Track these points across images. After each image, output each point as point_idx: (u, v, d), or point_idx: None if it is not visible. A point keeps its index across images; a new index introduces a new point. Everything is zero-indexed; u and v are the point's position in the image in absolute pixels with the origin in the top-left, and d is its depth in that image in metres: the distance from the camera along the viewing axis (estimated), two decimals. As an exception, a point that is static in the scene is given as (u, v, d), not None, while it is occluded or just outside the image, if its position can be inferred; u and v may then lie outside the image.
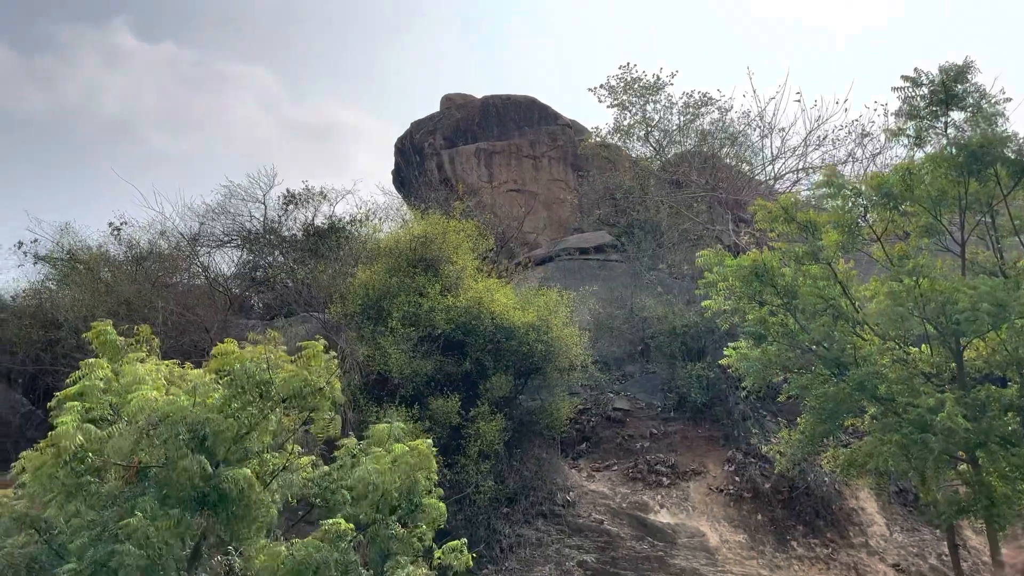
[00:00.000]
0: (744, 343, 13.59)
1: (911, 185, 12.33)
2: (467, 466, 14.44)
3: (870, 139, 25.87)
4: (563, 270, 24.12)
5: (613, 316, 21.32)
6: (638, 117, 28.56)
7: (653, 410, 18.94)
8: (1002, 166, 11.98)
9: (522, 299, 17.12)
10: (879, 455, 11.50)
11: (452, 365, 15.97)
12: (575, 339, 16.88)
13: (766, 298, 13.04)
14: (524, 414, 16.08)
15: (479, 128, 30.59)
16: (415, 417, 14.48)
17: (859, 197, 13.13)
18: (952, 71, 12.30)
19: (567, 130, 30.55)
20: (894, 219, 12.85)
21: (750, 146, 27.98)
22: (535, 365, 16.40)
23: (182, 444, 8.74)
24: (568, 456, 17.06)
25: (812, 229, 13.11)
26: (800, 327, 12.57)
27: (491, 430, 14.74)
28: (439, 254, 17.38)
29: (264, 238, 23.29)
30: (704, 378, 18.49)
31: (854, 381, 11.67)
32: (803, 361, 12.99)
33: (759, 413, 17.68)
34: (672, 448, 17.34)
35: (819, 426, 12.71)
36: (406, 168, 31.10)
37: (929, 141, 12.68)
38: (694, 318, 19.19)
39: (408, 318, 16.09)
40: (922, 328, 11.92)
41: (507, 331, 16.01)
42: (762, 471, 16.10)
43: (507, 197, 28.42)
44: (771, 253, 13.27)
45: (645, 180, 27.15)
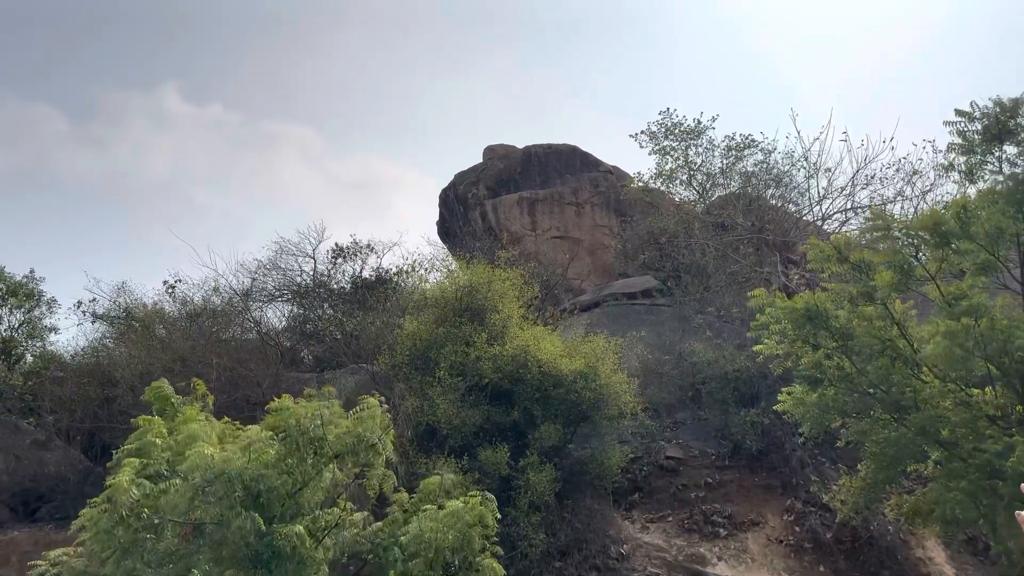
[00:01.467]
0: (799, 387, 13.27)
1: (966, 222, 12.03)
2: (518, 518, 14.23)
3: (919, 176, 25.42)
4: (609, 316, 23.99)
5: (662, 362, 21.05)
6: (680, 161, 28.63)
7: (707, 458, 18.51)
8: (1061, 201, 11.64)
9: (569, 346, 17.03)
10: (945, 502, 11.03)
11: (500, 414, 15.89)
12: (624, 386, 16.67)
13: (820, 341, 12.76)
14: (574, 464, 15.85)
15: (521, 177, 30.93)
16: (464, 468, 14.39)
17: (911, 236, 12.85)
18: (1007, 105, 12.10)
19: (609, 176, 30.71)
20: (948, 257, 12.53)
21: (796, 187, 27.72)
22: (584, 413, 16.22)
23: (236, 502, 8.83)
24: (620, 507, 16.71)
25: (865, 269, 12.84)
26: (857, 370, 12.25)
27: (541, 481, 14.55)
28: (485, 303, 17.45)
29: (314, 291, 23.73)
30: (759, 424, 18.07)
31: (915, 425, 11.28)
32: (862, 405, 12.63)
33: (817, 460, 17.15)
34: (728, 497, 16.88)
35: (881, 473, 12.27)
36: (450, 218, 31.52)
37: (982, 177, 12.41)
38: (746, 362, 18.84)
39: (455, 368, 16.12)
40: (984, 369, 11.50)
41: (554, 379, 15.91)
42: (823, 520, 15.54)
43: (551, 244, 28.52)
44: (824, 294, 13.02)
45: (689, 223, 27.01)
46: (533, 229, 28.80)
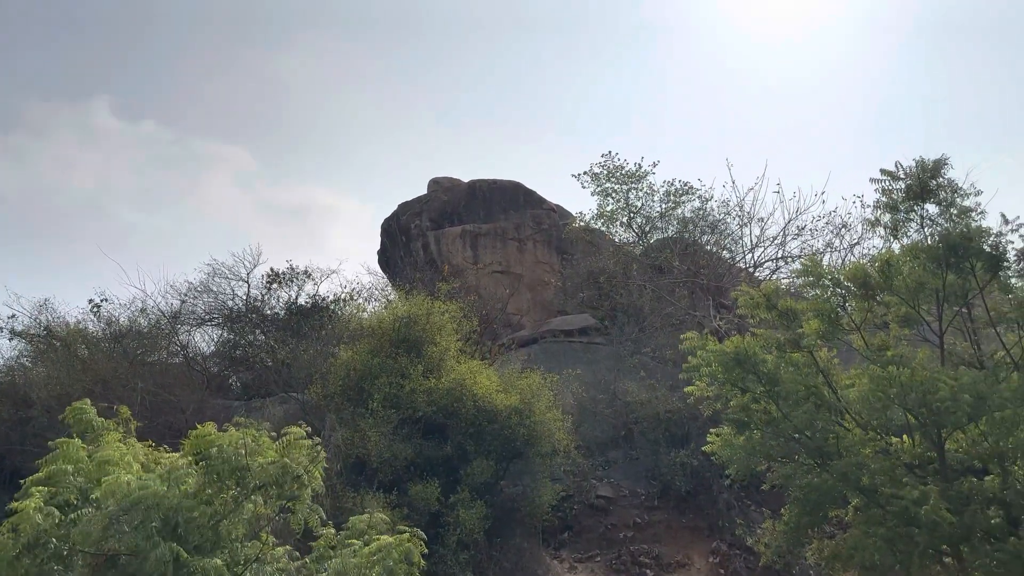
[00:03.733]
0: (727, 430, 13.48)
1: (890, 276, 12.53)
2: (446, 556, 14.02)
3: (847, 230, 26.47)
4: (547, 352, 24.10)
5: (596, 400, 21.21)
6: (621, 203, 29.23)
7: (637, 498, 18.62)
8: (978, 259, 12.20)
9: (505, 381, 17.02)
10: (864, 548, 11.28)
11: (433, 449, 15.71)
12: (558, 423, 16.71)
13: (749, 384, 13.01)
14: (505, 501, 15.74)
15: (465, 210, 31.07)
16: (393, 503, 14.14)
17: (838, 287, 13.31)
18: (928, 166, 12.66)
19: (552, 214, 31.09)
20: (873, 309, 13.00)
21: (730, 234, 28.54)
22: (517, 450, 16.17)
23: (153, 532, 8.46)
24: (550, 546, 16.63)
25: (792, 317, 13.20)
26: (783, 415, 12.52)
27: (471, 518, 14.38)
28: (422, 335, 17.34)
29: (246, 316, 23.20)
30: (688, 465, 18.29)
31: (837, 471, 11.56)
32: (786, 450, 12.87)
33: (744, 503, 17.43)
34: (656, 538, 16.98)
35: (804, 517, 12.49)
36: (392, 248, 31.36)
37: (906, 233, 12.96)
38: (677, 403, 19.12)
39: (389, 400, 15.91)
40: (904, 418, 11.91)
41: (489, 414, 15.85)
42: (747, 563, 15.76)
43: (492, 279, 28.60)
44: (753, 339, 13.32)
45: (628, 265, 27.49)
46: (475, 263, 28.86)
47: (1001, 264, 11.96)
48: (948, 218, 12.23)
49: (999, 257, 11.93)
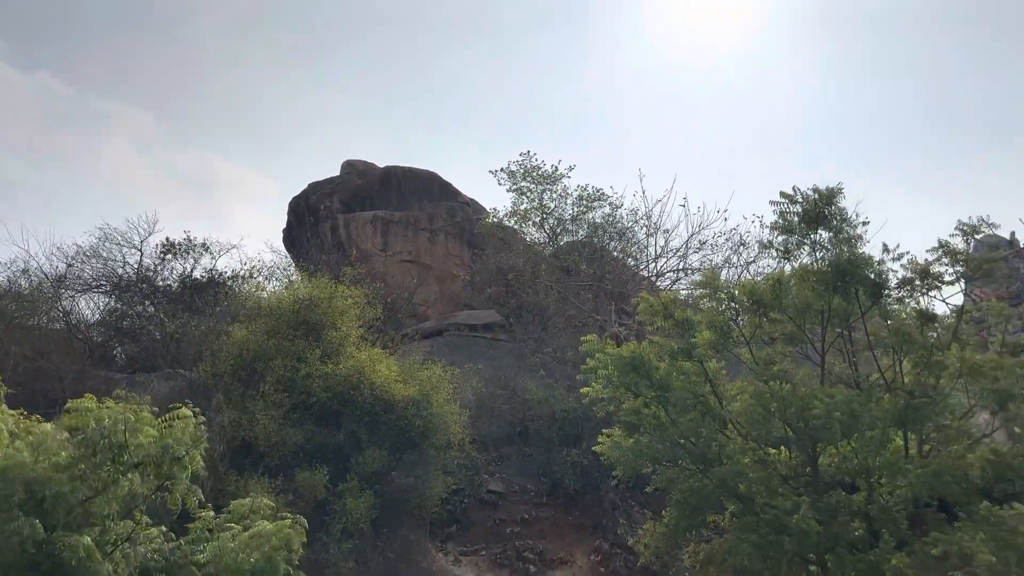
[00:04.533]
0: (618, 432, 13.80)
1: (780, 295, 13.12)
2: (329, 545, 13.80)
3: (745, 247, 27.55)
4: (450, 345, 24.07)
5: (495, 396, 21.33)
6: (535, 203, 29.51)
7: (527, 494, 18.85)
8: (862, 285, 12.91)
9: (405, 372, 16.90)
10: (736, 553, 11.78)
11: (325, 436, 15.44)
12: (455, 416, 16.72)
13: (641, 389, 13.36)
14: (395, 492, 15.63)
15: (378, 196, 30.65)
16: (279, 489, 13.82)
17: (732, 301, 13.84)
18: (824, 193, 13.28)
19: (466, 208, 31.06)
20: (762, 325, 13.58)
21: (636, 242, 29.27)
22: (412, 441, 16.08)
23: (14, 504, 8.00)
24: (437, 538, 16.64)
25: (688, 327, 13.64)
26: (671, 420, 12.92)
27: (359, 507, 14.20)
28: (323, 319, 17.00)
29: (136, 286, 22.18)
30: (579, 465, 18.64)
31: (717, 478, 12.03)
32: (672, 454, 13.28)
33: (628, 503, 17.90)
34: (542, 535, 17.24)
35: (683, 520, 12.94)
36: (298, 228, 30.60)
37: (798, 256, 13.58)
38: (573, 404, 19.46)
39: (282, 383, 15.52)
40: (782, 431, 12.49)
41: (386, 404, 15.70)
42: (627, 563, 16.20)
43: (400, 267, 28.34)
44: (649, 346, 13.68)
45: (537, 264, 27.78)
46: (384, 250, 28.51)
47: (883, 291, 12.71)
48: (837, 244, 12.89)
49: (882, 284, 12.67)
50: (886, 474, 11.99)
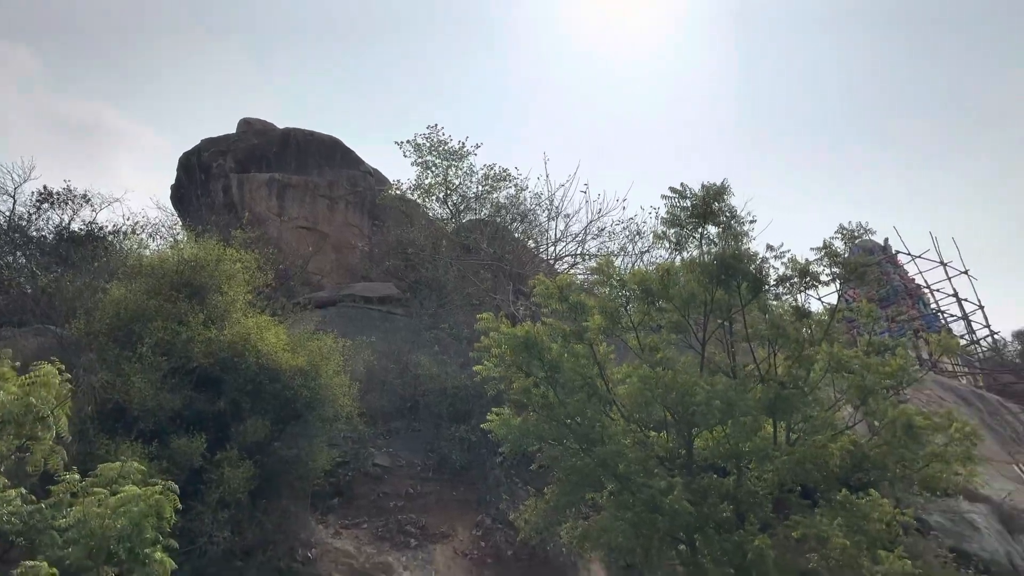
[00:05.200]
0: (507, 410, 13.97)
1: (668, 285, 13.56)
2: (203, 514, 13.37)
3: (641, 237, 28.28)
4: (344, 317, 23.68)
5: (387, 370, 21.16)
6: (440, 179, 29.26)
7: (413, 469, 18.84)
8: (744, 280, 13.51)
9: (294, 341, 16.47)
10: (612, 531, 12.18)
11: (204, 402, 14.89)
12: (344, 389, 16.46)
13: (532, 369, 13.55)
14: (277, 463, 15.26)
15: (276, 158, 29.62)
16: (152, 455, 13.26)
17: (624, 288, 14.21)
18: (712, 190, 13.77)
19: (368, 177, 30.47)
20: (650, 313, 14.02)
21: (538, 225, 29.52)
22: (297, 412, 15.73)
23: None
24: (318, 511, 16.40)
25: (581, 310, 13.92)
26: (559, 401, 13.18)
27: (237, 477, 13.79)
28: (209, 282, 16.33)
29: (7, 235, 20.70)
30: (467, 441, 18.76)
31: (598, 457, 12.38)
32: (558, 434, 13.56)
33: (513, 480, 18.17)
34: (426, 509, 17.28)
35: (564, 497, 13.26)
36: (188, 186, 29.25)
37: (687, 248, 14.06)
38: (465, 381, 19.54)
39: (162, 346, 14.84)
40: (662, 415, 12.97)
41: (272, 373, 15.27)
42: (507, 537, 16.47)
43: (296, 234, 27.56)
44: (543, 327, 13.88)
45: (438, 240, 27.63)
46: (280, 215, 27.63)
47: (762, 286, 13.34)
48: (724, 239, 13.42)
49: (762, 280, 13.30)
50: (755, 459, 12.65)
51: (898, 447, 12.14)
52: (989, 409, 32.05)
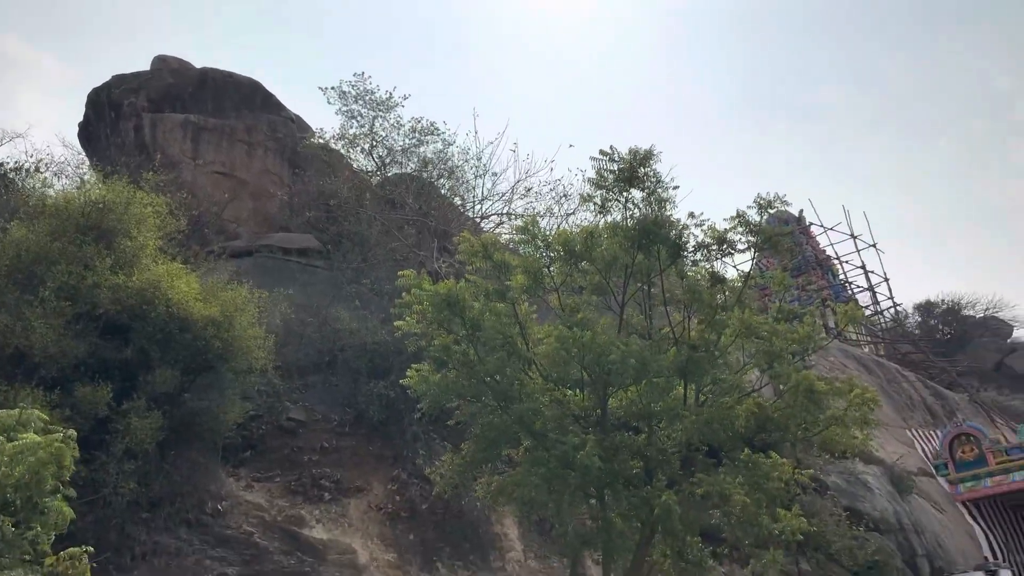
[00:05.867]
0: (427, 367, 13.97)
1: (591, 247, 13.72)
2: (108, 464, 12.97)
3: (567, 199, 28.40)
4: (261, 268, 23.03)
5: (305, 323, 20.77)
6: (365, 129, 28.56)
7: (329, 423, 18.68)
8: (664, 245, 13.78)
9: (207, 291, 15.95)
10: (525, 486, 12.44)
11: (111, 351, 14.34)
12: (259, 341, 16.09)
13: (454, 327, 13.55)
14: (186, 414, 14.87)
15: (191, 99, 28.27)
16: (55, 404, 12.73)
17: (548, 249, 14.30)
18: (639, 155, 13.92)
19: (289, 124, 29.45)
20: (573, 274, 14.18)
21: (465, 182, 29.24)
22: (209, 363, 15.32)
23: None
24: (229, 463, 16.12)
25: (505, 269, 13.95)
26: (479, 358, 13.24)
27: (144, 427, 13.39)
28: (117, 225, 15.60)
29: None
30: (385, 397, 18.67)
31: (515, 415, 12.55)
32: (476, 391, 13.66)
33: (430, 436, 18.25)
34: (341, 463, 17.20)
35: (480, 453, 13.43)
36: (97, 123, 27.68)
37: (612, 211, 14.23)
38: (385, 337, 19.36)
39: (65, 291, 14.17)
40: (579, 374, 13.21)
41: (183, 322, 14.78)
42: (422, 492, 16.60)
43: (211, 179, 26.49)
44: (466, 285, 13.86)
45: (362, 193, 27.03)
46: (194, 158, 26.47)
47: (681, 252, 13.65)
48: (648, 205, 13.63)
49: (681, 246, 13.60)
50: (665, 419, 13.07)
51: (800, 410, 12.73)
52: (888, 377, 33.97)
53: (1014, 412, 38.11)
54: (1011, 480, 26.86)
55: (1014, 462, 27.09)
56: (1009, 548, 28.15)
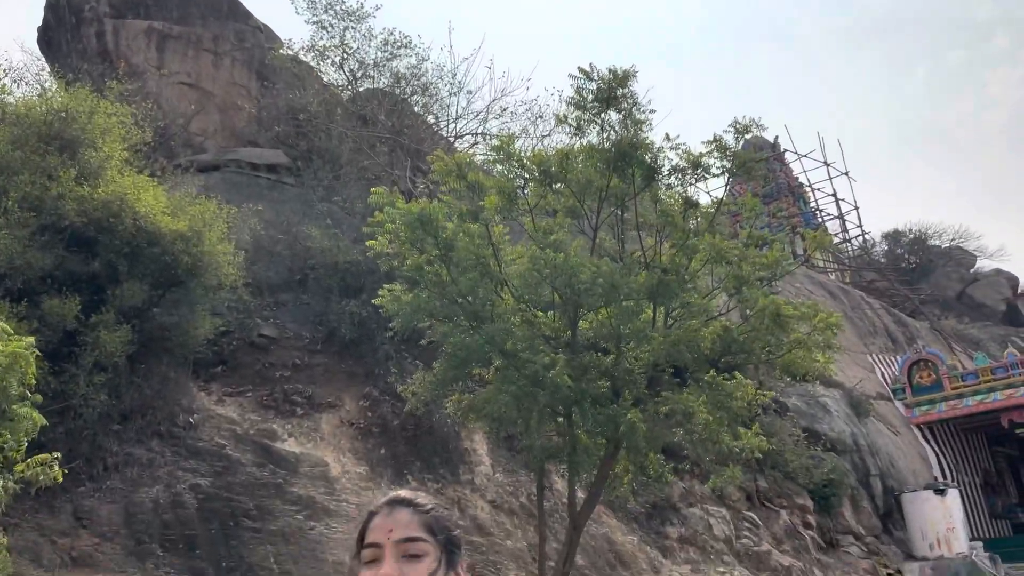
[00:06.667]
0: (399, 286, 13.97)
1: (566, 169, 13.62)
2: (78, 376, 12.96)
3: (542, 120, 28.02)
4: (228, 183, 22.62)
5: (276, 241, 20.59)
6: (336, 41, 27.66)
7: (301, 341, 18.75)
8: (638, 168, 13.72)
9: (175, 204, 15.67)
10: (495, 403, 12.68)
11: (78, 263, 14.15)
12: (229, 257, 15.93)
13: (427, 247, 13.49)
14: (156, 329, 14.80)
15: (155, 5, 27.08)
16: (21, 315, 12.60)
17: (523, 169, 14.18)
18: (619, 75, 13.68)
19: (258, 33, 28.43)
20: (547, 196, 14.11)
21: (439, 100, 28.65)
22: (178, 278, 15.18)
23: None
24: (200, 378, 16.19)
25: (478, 190, 13.84)
26: (452, 279, 13.24)
27: (113, 340, 13.32)
28: (81, 135, 15.16)
29: None
30: (357, 315, 18.72)
31: (487, 334, 12.67)
32: (448, 311, 13.72)
33: (402, 354, 18.42)
34: (312, 380, 17.36)
35: (451, 372, 13.59)
36: (57, 29, 26.50)
37: (588, 134, 14.08)
38: (357, 256, 19.27)
39: (29, 201, 13.85)
40: (551, 296, 13.32)
41: (151, 236, 14.56)
42: (394, 409, 16.87)
43: (177, 90, 25.67)
44: (439, 205, 13.75)
45: (332, 108, 26.41)
46: (159, 67, 25.55)
47: (655, 176, 13.62)
48: (624, 127, 13.49)
49: (655, 169, 13.56)
50: (634, 341, 13.28)
51: (765, 334, 13.00)
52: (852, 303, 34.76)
53: (972, 340, 39.35)
54: (964, 405, 27.98)
55: (969, 387, 28.17)
56: (958, 469, 29.55)
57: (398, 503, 1.82)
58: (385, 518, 1.78)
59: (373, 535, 1.76)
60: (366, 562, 1.74)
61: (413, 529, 1.75)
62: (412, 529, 1.75)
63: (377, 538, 1.74)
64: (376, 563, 1.71)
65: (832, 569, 21.09)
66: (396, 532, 1.74)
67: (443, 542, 1.78)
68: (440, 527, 1.79)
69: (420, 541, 1.74)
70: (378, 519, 1.80)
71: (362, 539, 1.79)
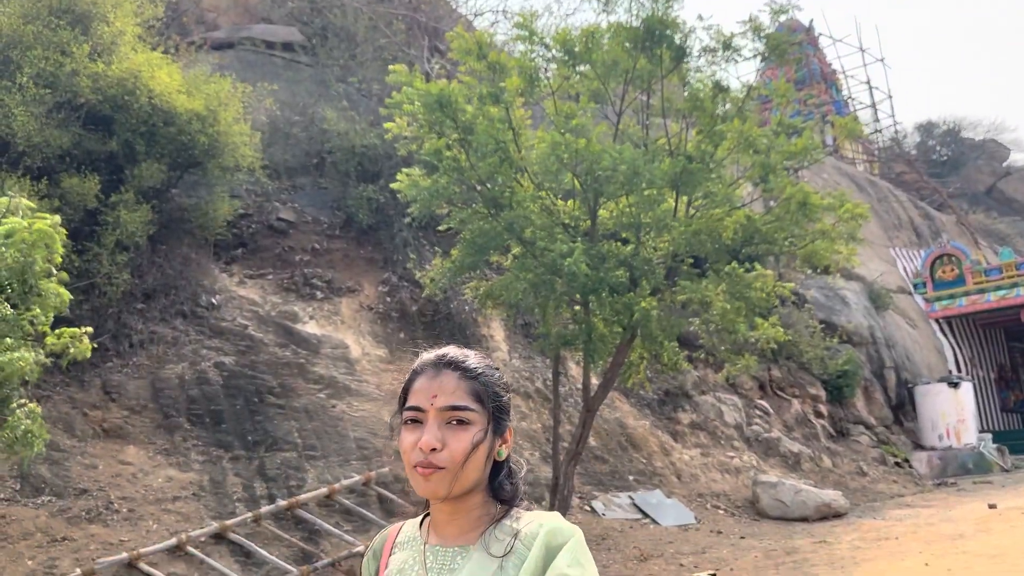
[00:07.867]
0: (417, 171, 13.79)
1: (591, 48, 13.08)
2: (100, 255, 13.09)
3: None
4: (243, 62, 22.04)
5: (292, 122, 20.24)
6: (352, -89, 26.23)
7: (319, 225, 18.74)
8: (668, 48, 13.15)
9: (189, 83, 15.33)
10: (512, 290, 12.72)
11: (95, 142, 14.02)
12: (245, 138, 15.70)
13: (446, 130, 13.20)
14: (175, 210, 14.82)
15: None
16: (43, 194, 12.63)
17: (545, 49, 13.65)
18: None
19: (270, -98, 26.97)
20: (570, 78, 13.63)
21: (458, -28, 27.37)
22: (195, 159, 15.04)
23: None
24: (221, 260, 16.32)
25: (499, 71, 13.38)
26: (470, 164, 13.03)
27: (134, 220, 13.37)
28: (92, 9, 14.70)
29: None
30: (375, 201, 18.60)
31: (505, 221, 12.57)
32: (467, 197, 13.59)
33: (420, 241, 18.40)
34: (332, 265, 17.47)
35: (469, 258, 13.58)
36: None
37: (615, 11, 13.45)
38: (375, 140, 18.95)
39: (44, 77, 13.60)
40: (571, 184, 13.09)
41: (166, 115, 14.33)
42: (412, 295, 17.01)
43: (188, -37, 24.65)
44: (459, 86, 13.36)
45: (347, -19, 25.33)
46: (169, -62, 24.47)
47: (685, 56, 13.06)
48: (654, 2, 12.84)
49: (685, 50, 12.99)
50: (654, 230, 13.14)
51: (789, 223, 12.79)
52: (879, 195, 34.05)
53: (999, 235, 38.68)
54: (985, 300, 27.81)
55: (991, 282, 27.91)
56: (973, 364, 29.71)
57: (444, 364, 1.67)
58: (430, 380, 1.65)
59: (415, 398, 1.64)
60: (408, 421, 1.64)
61: (459, 396, 1.62)
62: (458, 396, 1.62)
63: (419, 402, 1.63)
64: (418, 425, 1.62)
65: (841, 456, 21.62)
66: (440, 399, 1.61)
67: (491, 409, 1.66)
68: (489, 393, 1.67)
69: (466, 410, 1.62)
70: (422, 380, 1.66)
71: (405, 398, 1.68)
